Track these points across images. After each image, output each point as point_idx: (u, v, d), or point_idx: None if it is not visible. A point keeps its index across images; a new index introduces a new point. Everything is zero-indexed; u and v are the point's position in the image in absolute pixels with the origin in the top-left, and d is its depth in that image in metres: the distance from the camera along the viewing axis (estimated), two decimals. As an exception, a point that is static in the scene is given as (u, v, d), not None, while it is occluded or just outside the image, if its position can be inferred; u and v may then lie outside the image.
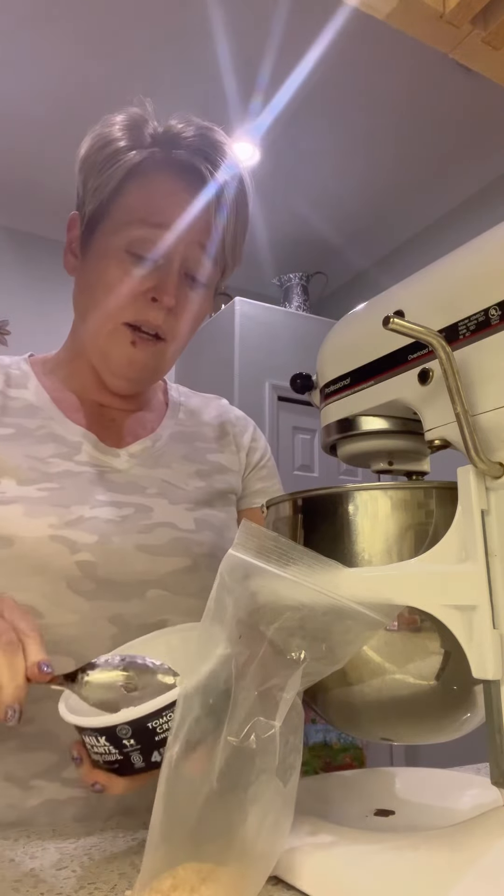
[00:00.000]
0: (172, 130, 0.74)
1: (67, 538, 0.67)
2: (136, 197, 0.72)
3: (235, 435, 0.89)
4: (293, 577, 0.44)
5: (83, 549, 0.67)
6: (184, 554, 0.72)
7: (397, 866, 0.41)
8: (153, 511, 0.73)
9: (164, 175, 0.73)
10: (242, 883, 0.39)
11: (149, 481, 0.76)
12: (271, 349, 2.86)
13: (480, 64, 0.78)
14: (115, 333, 0.73)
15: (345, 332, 0.58)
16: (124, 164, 0.72)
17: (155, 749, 0.47)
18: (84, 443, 0.75)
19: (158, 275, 0.71)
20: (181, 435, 0.84)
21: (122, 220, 0.72)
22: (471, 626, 0.42)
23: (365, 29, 1.93)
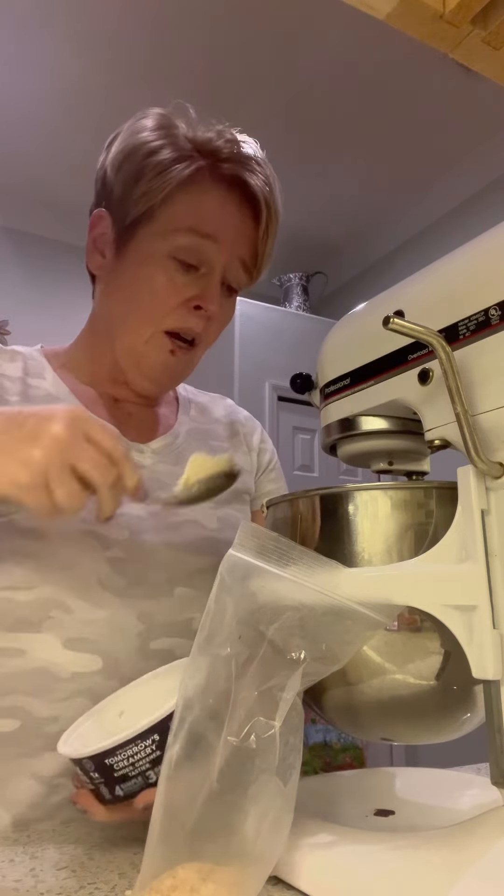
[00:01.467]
0: (214, 142, 0.75)
1: (100, 533, 0.67)
2: (186, 206, 0.73)
3: (245, 435, 0.90)
4: (293, 577, 0.44)
5: (114, 545, 0.67)
6: (210, 552, 0.72)
7: (397, 866, 0.41)
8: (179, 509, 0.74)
9: (213, 187, 0.74)
10: (242, 883, 0.39)
11: (172, 478, 0.74)
12: (271, 349, 2.86)
13: (480, 64, 0.78)
14: (153, 340, 0.73)
15: (345, 332, 0.58)
16: (175, 175, 0.72)
17: (116, 784, 0.48)
18: None
19: (202, 283, 0.73)
20: (196, 432, 0.85)
21: (169, 227, 0.72)
22: (471, 626, 0.42)
23: (365, 29, 1.94)
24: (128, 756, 0.47)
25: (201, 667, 0.44)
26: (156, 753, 0.47)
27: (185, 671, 0.44)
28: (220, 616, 0.44)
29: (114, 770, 0.48)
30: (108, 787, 0.48)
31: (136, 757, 0.47)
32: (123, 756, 0.47)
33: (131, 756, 0.47)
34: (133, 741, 0.47)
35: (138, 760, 0.47)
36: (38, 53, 2.15)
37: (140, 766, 0.47)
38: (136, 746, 0.47)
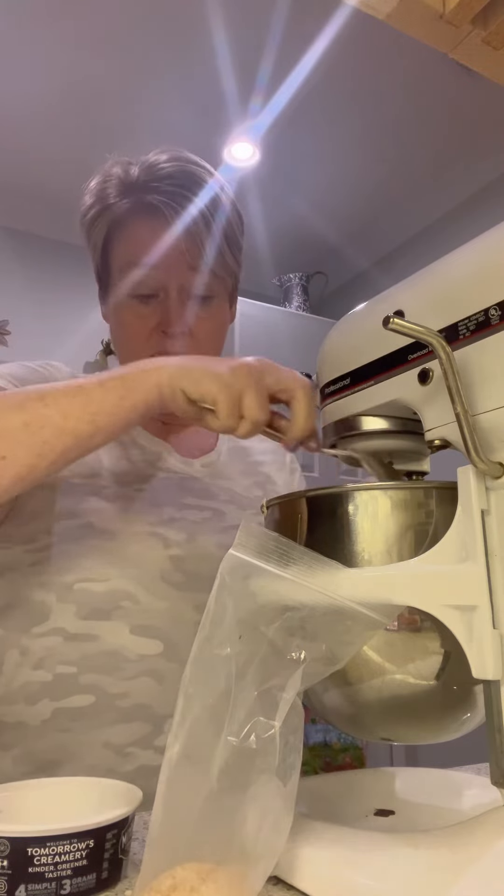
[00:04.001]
0: (142, 175, 0.79)
1: (162, 535, 0.76)
2: (123, 246, 0.80)
3: (277, 453, 0.97)
4: (293, 577, 0.44)
5: (174, 545, 0.76)
6: None
7: (397, 866, 0.41)
8: (226, 515, 0.82)
9: (140, 220, 0.78)
10: (242, 883, 0.39)
11: (219, 490, 0.85)
12: (271, 349, 2.86)
13: (480, 64, 0.78)
14: None
15: (345, 332, 0.58)
16: (105, 218, 0.80)
17: (23, 883, 0.41)
18: (163, 452, 0.83)
19: (162, 308, 0.78)
20: (235, 450, 0.92)
21: (118, 270, 0.80)
22: (471, 626, 0.42)
23: (365, 29, 1.94)
24: (56, 853, 0.41)
25: (201, 667, 0.44)
26: (82, 862, 0.41)
27: (186, 671, 0.44)
28: (220, 616, 0.44)
29: (31, 863, 0.40)
30: (10, 883, 0.41)
31: (62, 857, 0.41)
32: (51, 850, 0.41)
33: (59, 854, 0.41)
34: (68, 838, 0.41)
35: (62, 862, 0.41)
36: (38, 53, 2.15)
37: (61, 870, 0.41)
38: (68, 845, 0.41)
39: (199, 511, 0.80)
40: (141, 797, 0.48)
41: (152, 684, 0.71)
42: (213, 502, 0.83)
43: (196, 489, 0.83)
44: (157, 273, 0.77)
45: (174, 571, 0.75)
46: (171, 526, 0.77)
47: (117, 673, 0.71)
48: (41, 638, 0.71)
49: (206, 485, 0.84)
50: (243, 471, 0.90)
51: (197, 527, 0.79)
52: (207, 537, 0.78)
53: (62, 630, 0.71)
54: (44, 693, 0.70)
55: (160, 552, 0.75)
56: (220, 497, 0.84)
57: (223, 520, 0.82)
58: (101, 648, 0.71)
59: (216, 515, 0.81)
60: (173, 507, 0.79)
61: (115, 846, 0.44)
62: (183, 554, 0.76)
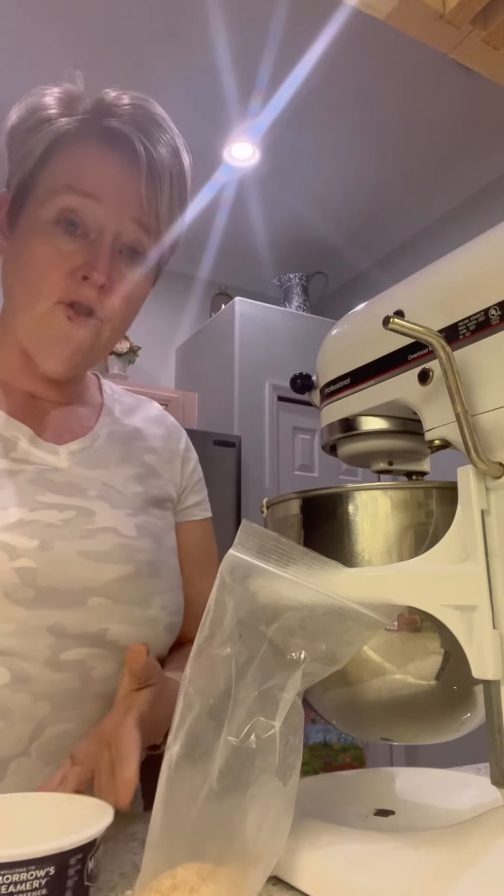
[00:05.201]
0: (105, 100, 0.70)
1: (6, 543, 0.63)
2: (64, 164, 0.68)
3: (170, 441, 0.86)
4: (293, 577, 0.44)
5: (23, 554, 0.63)
6: (127, 561, 0.69)
7: (397, 866, 0.41)
8: (95, 515, 0.69)
9: (93, 142, 0.69)
10: (242, 883, 0.39)
11: (89, 483, 0.72)
12: (271, 349, 2.86)
13: (480, 64, 0.78)
14: (49, 314, 0.68)
15: (345, 332, 0.58)
16: (51, 130, 0.68)
17: None
18: (20, 438, 0.70)
19: (89, 250, 0.67)
20: (118, 434, 0.80)
21: (48, 189, 0.68)
22: (471, 626, 0.42)
23: (365, 29, 1.94)
24: (10, 882, 0.36)
25: (201, 667, 0.44)
26: (41, 892, 0.36)
27: (186, 671, 0.44)
28: (220, 616, 0.44)
29: None
30: None
31: (17, 887, 0.36)
32: (5, 879, 0.36)
33: (14, 883, 0.36)
34: (24, 864, 0.36)
35: (17, 892, 0.36)
36: (38, 53, 2.15)
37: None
38: (25, 873, 0.36)
39: (59, 511, 0.67)
40: (112, 815, 0.42)
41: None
42: (78, 499, 0.70)
43: (58, 483, 0.70)
44: (98, 208, 0.67)
45: (22, 587, 0.63)
46: (19, 531, 0.64)
47: None
48: None
49: (73, 477, 0.71)
50: (123, 459, 0.78)
51: (54, 531, 0.66)
52: (67, 543, 0.66)
53: None
54: None
55: (4, 565, 0.62)
56: (89, 492, 0.71)
57: (91, 521, 0.69)
58: None
59: (81, 515, 0.69)
60: (24, 507, 0.65)
61: (80, 872, 0.39)
62: (34, 565, 0.63)
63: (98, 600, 0.66)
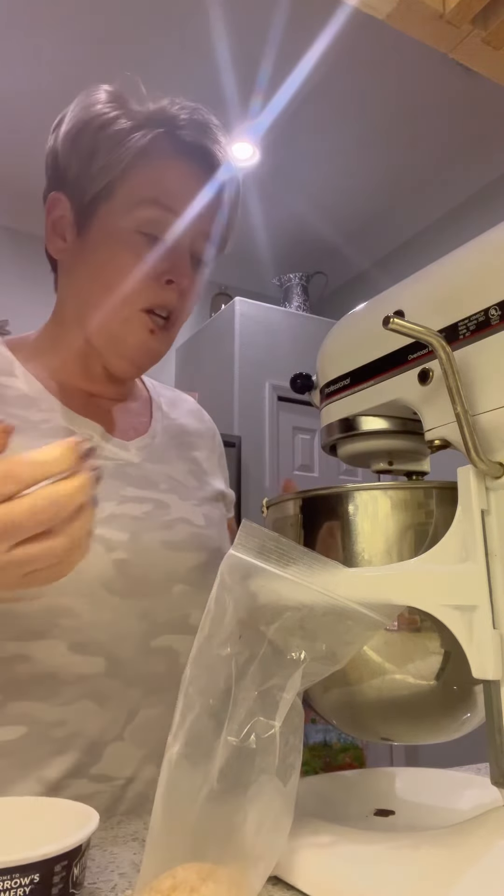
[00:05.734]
0: (169, 110, 0.73)
1: (103, 536, 0.66)
2: (146, 178, 0.71)
3: (209, 437, 0.89)
4: (293, 577, 0.44)
5: (118, 546, 0.67)
6: (201, 549, 0.73)
7: (397, 866, 0.41)
8: (170, 507, 0.73)
9: (173, 157, 0.72)
10: (242, 883, 0.39)
11: (158, 476, 0.76)
12: (271, 349, 2.86)
13: (480, 64, 0.78)
14: (131, 320, 0.72)
15: (345, 332, 0.58)
16: (133, 144, 0.70)
17: None
18: (94, 435, 0.73)
19: (171, 257, 0.71)
20: (170, 430, 0.84)
21: (131, 201, 0.71)
22: (471, 626, 0.42)
23: (365, 29, 1.94)
24: None
25: (201, 667, 0.44)
26: None
27: (186, 671, 0.44)
28: (220, 616, 0.44)
29: None
30: None
31: (2, 895, 0.36)
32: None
33: None
34: (8, 872, 0.35)
35: None
36: (38, 53, 2.15)
37: None
38: (9, 881, 0.35)
39: (140, 503, 0.71)
40: (98, 820, 0.42)
41: (92, 708, 0.63)
42: (153, 492, 0.73)
43: (134, 477, 0.73)
44: (178, 221, 0.71)
45: (117, 577, 0.66)
46: (112, 524, 0.67)
47: (54, 699, 0.63)
48: None
49: (146, 471, 0.75)
50: (178, 455, 0.82)
51: (139, 523, 0.69)
52: (151, 535, 0.70)
53: None
54: None
55: (101, 557, 0.65)
56: (161, 485, 0.75)
57: (167, 512, 0.73)
58: (33, 671, 0.62)
59: (158, 507, 0.72)
60: (111, 501, 0.69)
61: (66, 880, 0.38)
62: (127, 557, 0.67)
63: (181, 587, 0.70)
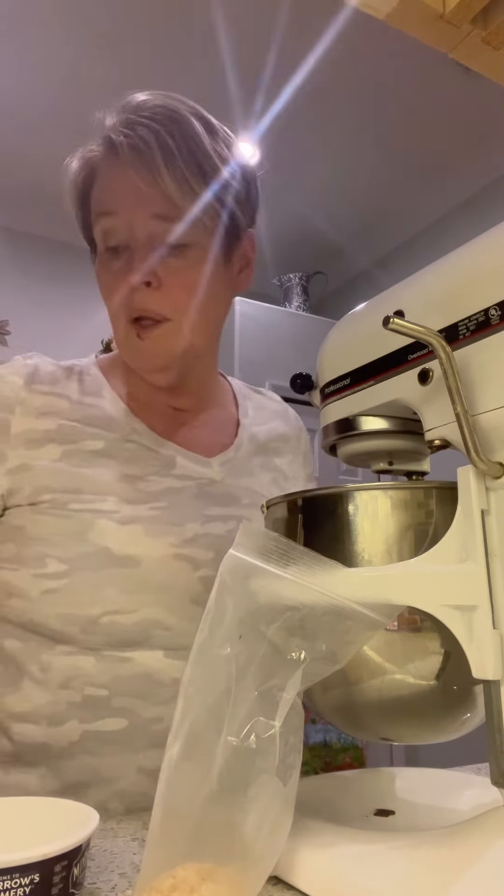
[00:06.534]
0: (109, 118, 0.72)
1: (189, 556, 0.69)
2: (97, 194, 0.72)
3: (293, 441, 0.90)
4: (293, 577, 0.44)
5: (203, 565, 0.70)
6: None
7: (397, 866, 0.41)
8: (253, 522, 0.75)
9: (107, 163, 0.71)
10: (242, 883, 0.39)
11: (241, 491, 0.78)
12: (271, 349, 2.86)
13: (480, 64, 0.78)
14: (128, 335, 0.72)
15: (345, 332, 0.58)
16: (85, 171, 0.73)
17: None
18: (177, 456, 0.76)
19: (130, 258, 0.69)
20: (256, 440, 0.84)
21: (93, 226, 0.72)
22: (471, 626, 0.42)
23: (365, 29, 1.93)
24: None
25: (201, 667, 0.44)
26: None
27: (186, 671, 0.44)
28: (220, 616, 0.44)
29: None
30: None
31: (2, 895, 0.36)
32: None
33: None
34: (8, 872, 0.35)
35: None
36: (38, 53, 2.15)
37: None
38: (9, 881, 0.35)
39: (224, 522, 0.74)
40: (98, 820, 0.43)
41: None
42: (236, 508, 0.76)
43: (217, 495, 0.76)
44: (119, 220, 0.69)
45: (205, 592, 0.67)
46: (197, 544, 0.71)
47: (151, 697, 0.67)
48: (66, 657, 0.67)
49: (228, 487, 0.77)
50: (262, 464, 0.83)
51: (223, 541, 0.72)
52: None
53: (90, 651, 0.67)
54: (71, 714, 0.66)
55: (189, 575, 0.69)
56: (243, 500, 0.77)
57: None
58: (133, 671, 0.67)
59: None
60: (196, 521, 0.72)
61: (66, 880, 0.38)
62: (213, 573, 0.69)
63: None
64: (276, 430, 0.88)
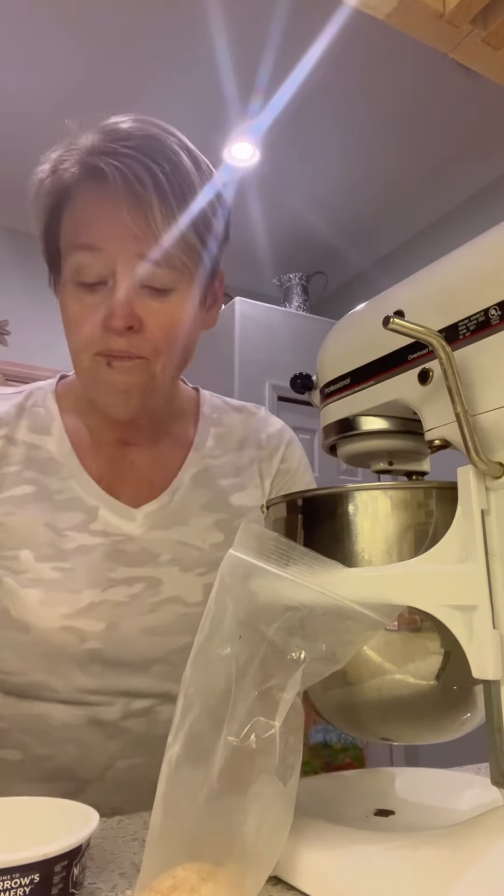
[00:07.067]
0: (94, 141, 0.67)
1: (77, 628, 0.68)
2: (71, 223, 0.67)
3: (262, 460, 0.83)
4: (293, 577, 0.44)
5: (91, 637, 0.69)
6: (187, 631, 0.70)
7: (397, 866, 0.41)
8: (163, 584, 0.72)
9: (88, 191, 0.66)
10: (242, 883, 0.39)
11: (162, 546, 0.74)
12: (271, 349, 2.86)
13: (480, 64, 0.78)
14: (92, 365, 0.69)
15: (345, 332, 0.58)
16: (54, 192, 0.68)
17: None
18: (101, 507, 0.73)
19: (108, 300, 0.65)
20: (205, 475, 0.79)
21: (64, 251, 0.68)
22: (471, 626, 0.42)
23: (365, 29, 1.94)
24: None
25: (201, 667, 0.44)
26: None
27: (186, 671, 0.44)
28: (220, 616, 0.44)
29: None
30: None
31: (2, 895, 0.36)
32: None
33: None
34: (9, 872, 0.36)
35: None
36: (38, 53, 2.15)
37: None
38: (9, 881, 0.36)
39: (129, 586, 0.71)
40: (98, 820, 0.43)
41: (76, 751, 0.70)
42: (148, 568, 0.72)
43: (130, 554, 0.72)
44: (101, 258, 0.65)
45: (92, 663, 0.70)
46: (89, 615, 0.69)
47: (43, 736, 0.70)
48: None
49: (146, 543, 0.73)
50: (206, 504, 0.77)
51: (120, 610, 0.70)
52: (131, 622, 0.70)
53: None
54: None
55: (75, 647, 0.68)
56: (162, 557, 0.73)
57: (157, 592, 0.72)
58: (29, 712, 0.70)
59: (149, 587, 0.72)
60: (97, 587, 0.70)
61: (66, 880, 0.39)
62: (100, 646, 0.69)
63: (160, 667, 0.72)
64: (236, 462, 0.81)
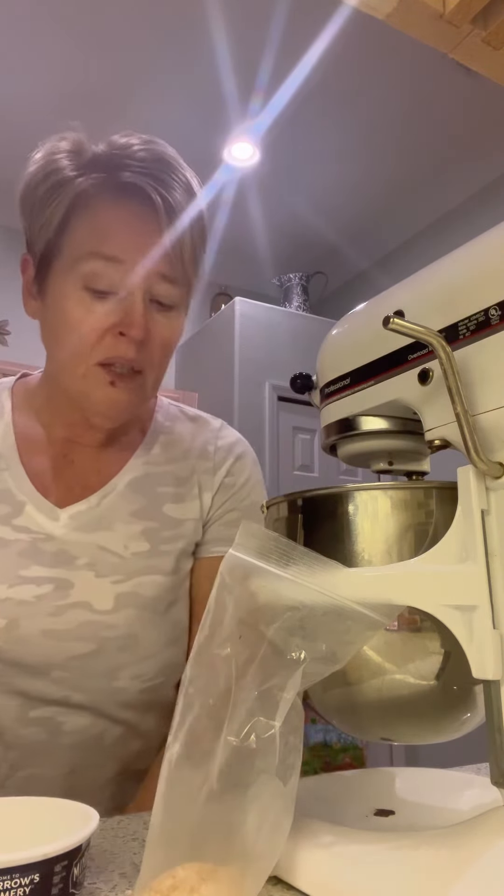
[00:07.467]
0: (115, 151, 0.69)
1: None
2: (85, 228, 0.68)
3: (205, 472, 0.81)
4: (293, 577, 0.44)
5: None
6: (90, 639, 0.71)
7: (397, 866, 0.41)
8: (73, 588, 0.71)
9: (110, 200, 0.68)
10: (242, 883, 0.39)
11: (81, 549, 0.73)
12: (271, 349, 2.86)
13: (480, 64, 0.78)
14: (89, 375, 0.69)
15: (345, 332, 0.58)
16: (68, 193, 0.68)
17: None
18: (27, 503, 0.73)
19: (123, 307, 0.67)
20: (143, 480, 0.78)
21: (74, 256, 0.68)
22: (471, 626, 0.42)
23: (365, 29, 1.94)
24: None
25: (201, 667, 0.44)
26: None
27: (186, 671, 0.44)
28: (220, 616, 0.44)
29: None
30: None
31: (2, 895, 0.36)
32: None
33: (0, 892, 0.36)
34: (8, 872, 0.35)
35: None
36: (38, 54, 2.15)
37: None
38: (9, 881, 0.35)
39: (37, 586, 0.70)
40: (98, 820, 0.43)
41: None
42: (62, 570, 0.71)
43: (47, 553, 0.72)
44: (123, 269, 0.67)
45: None
46: None
47: None
48: None
49: (66, 545, 0.72)
50: (136, 512, 0.76)
51: (23, 609, 0.69)
52: (32, 622, 0.69)
53: None
54: None
55: None
56: (79, 560, 0.72)
57: (65, 595, 0.71)
58: None
59: (58, 589, 0.71)
60: (4, 583, 0.69)
61: (66, 880, 0.38)
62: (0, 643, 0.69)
63: (60, 673, 0.71)
64: (177, 472, 0.80)
